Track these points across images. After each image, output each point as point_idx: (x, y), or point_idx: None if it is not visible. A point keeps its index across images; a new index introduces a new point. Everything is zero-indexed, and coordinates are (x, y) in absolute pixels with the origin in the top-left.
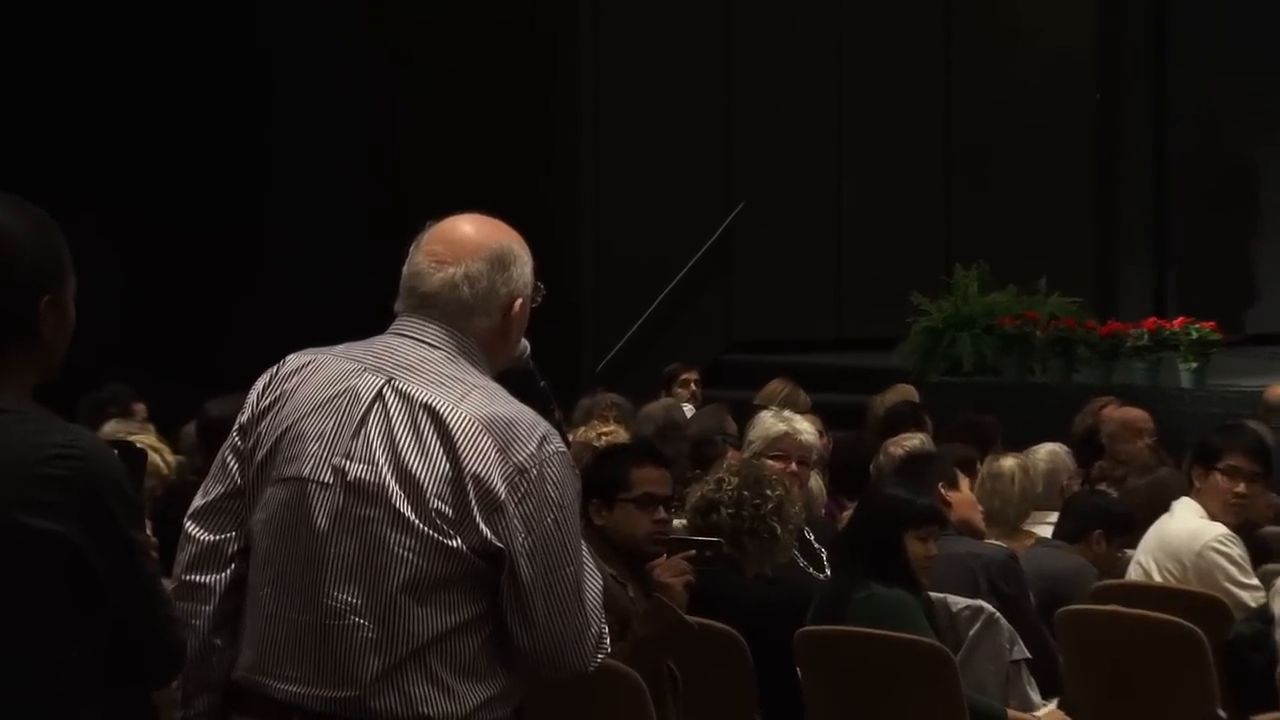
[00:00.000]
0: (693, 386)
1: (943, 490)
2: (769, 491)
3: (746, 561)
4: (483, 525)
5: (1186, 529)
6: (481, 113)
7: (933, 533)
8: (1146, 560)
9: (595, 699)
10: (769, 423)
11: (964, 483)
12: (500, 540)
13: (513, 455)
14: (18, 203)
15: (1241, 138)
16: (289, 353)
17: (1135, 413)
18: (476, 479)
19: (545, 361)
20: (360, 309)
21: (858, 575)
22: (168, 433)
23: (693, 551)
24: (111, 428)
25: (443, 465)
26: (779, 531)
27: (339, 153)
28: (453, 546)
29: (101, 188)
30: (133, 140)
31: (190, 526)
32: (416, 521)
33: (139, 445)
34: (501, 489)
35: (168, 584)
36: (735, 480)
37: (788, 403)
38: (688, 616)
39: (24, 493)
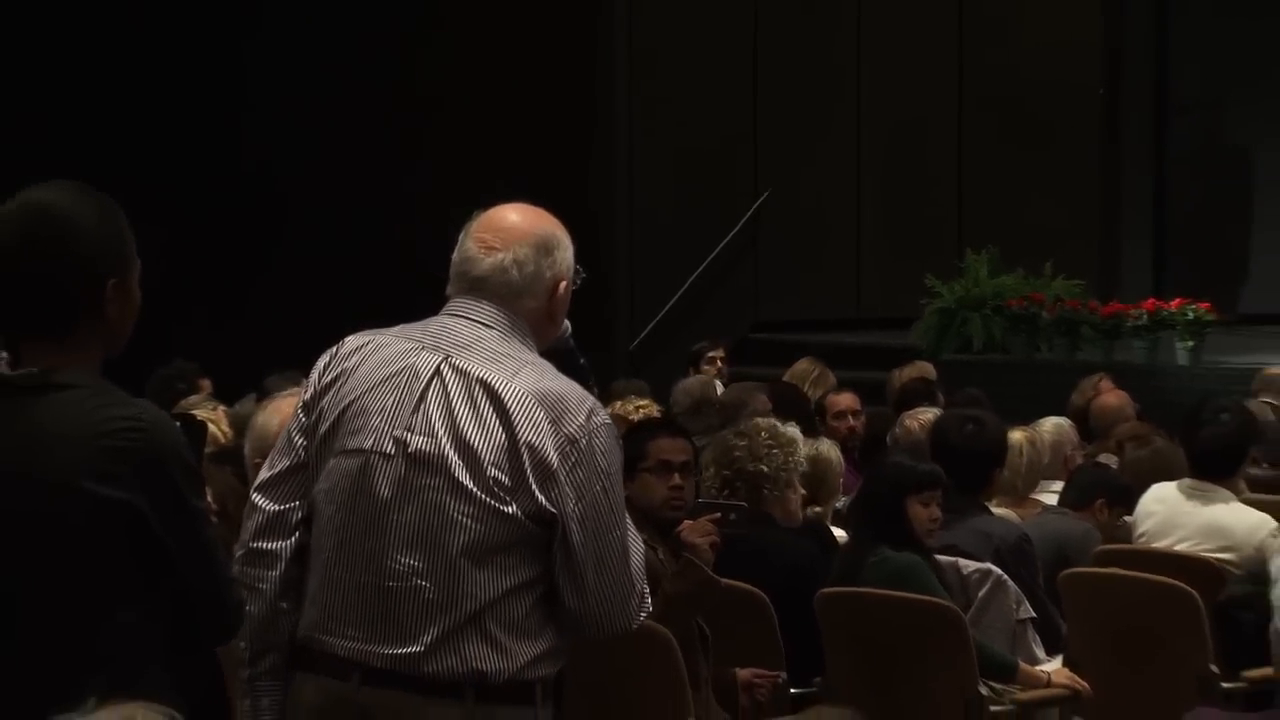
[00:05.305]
0: (719, 364)
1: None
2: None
3: (774, 512)
4: (537, 492)
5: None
6: (519, 100)
7: (934, 497)
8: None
9: (629, 654)
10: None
11: None
12: (554, 506)
13: (564, 426)
14: (83, 189)
15: (1239, 125)
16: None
17: (1115, 400)
18: (531, 448)
19: (582, 340)
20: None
21: (869, 540)
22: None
23: (718, 514)
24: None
25: (499, 436)
26: (793, 482)
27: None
28: (508, 513)
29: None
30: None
31: (257, 497)
32: (475, 489)
33: (199, 418)
34: (554, 458)
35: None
36: (764, 436)
37: (818, 382)
38: (715, 575)
39: (93, 463)
